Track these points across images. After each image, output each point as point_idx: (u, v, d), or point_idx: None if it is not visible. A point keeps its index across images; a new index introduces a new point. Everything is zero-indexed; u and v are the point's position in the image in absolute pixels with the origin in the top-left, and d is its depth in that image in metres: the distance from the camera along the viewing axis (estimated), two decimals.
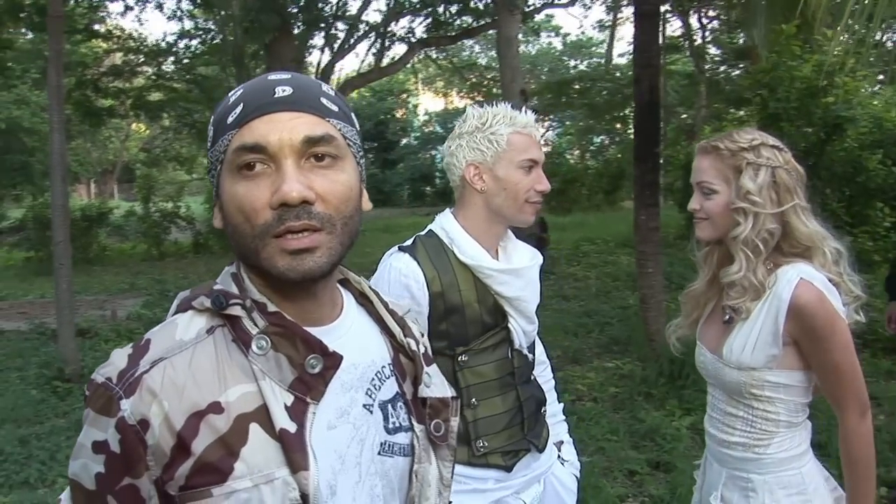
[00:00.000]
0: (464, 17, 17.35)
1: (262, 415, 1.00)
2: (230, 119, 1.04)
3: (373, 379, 1.14)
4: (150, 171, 23.68)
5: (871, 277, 6.37)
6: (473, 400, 2.09)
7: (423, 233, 2.17)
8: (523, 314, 2.14)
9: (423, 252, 2.06)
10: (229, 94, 1.08)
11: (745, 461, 2.00)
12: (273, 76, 1.07)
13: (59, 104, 6.93)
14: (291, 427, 1.00)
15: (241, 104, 1.04)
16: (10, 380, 6.96)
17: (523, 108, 2.14)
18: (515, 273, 2.11)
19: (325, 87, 1.09)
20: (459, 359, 2.07)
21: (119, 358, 1.02)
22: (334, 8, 15.55)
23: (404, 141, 37.87)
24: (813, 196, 2.08)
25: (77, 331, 7.30)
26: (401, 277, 2.01)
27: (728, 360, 1.98)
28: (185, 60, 19.15)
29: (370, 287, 1.24)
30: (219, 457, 0.97)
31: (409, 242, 2.12)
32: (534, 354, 2.27)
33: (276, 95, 1.02)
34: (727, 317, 2.02)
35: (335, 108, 1.07)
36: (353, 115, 1.12)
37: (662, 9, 16.94)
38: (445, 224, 2.14)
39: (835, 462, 2.09)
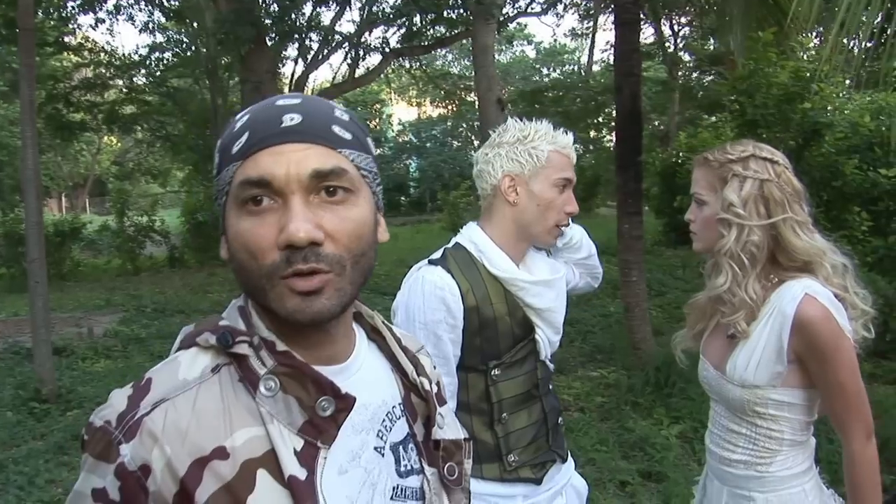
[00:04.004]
0: (437, 27, 17.35)
1: (271, 460, 0.93)
2: (235, 149, 0.97)
3: (384, 420, 1.08)
4: (124, 185, 23.44)
5: None
6: (504, 415, 2.07)
7: (450, 245, 2.14)
8: (552, 325, 2.14)
9: (455, 265, 2.04)
10: (235, 119, 1.02)
11: (747, 479, 1.96)
12: (282, 101, 1.00)
13: (32, 118, 6.80)
14: (301, 474, 0.94)
15: (247, 133, 0.97)
16: None
17: (562, 129, 2.14)
18: (547, 284, 2.11)
19: (338, 111, 1.02)
20: (492, 373, 2.05)
21: (118, 399, 0.95)
22: (307, 19, 15.47)
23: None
24: None
25: (53, 349, 7.15)
26: (436, 290, 1.97)
27: (731, 376, 1.94)
28: (158, 73, 19.02)
29: (383, 322, 1.18)
30: None
31: (438, 255, 2.10)
32: (554, 363, 2.26)
33: (283, 125, 0.96)
34: (731, 331, 1.97)
35: (348, 137, 1.00)
36: (369, 140, 1.05)
37: None
38: (474, 236, 2.11)
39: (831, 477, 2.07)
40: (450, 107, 34.17)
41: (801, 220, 1.92)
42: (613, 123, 19.44)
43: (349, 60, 17.73)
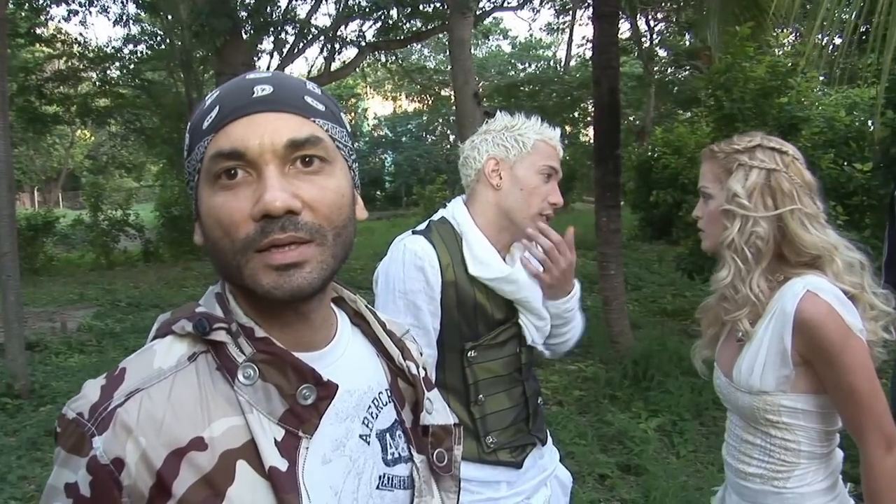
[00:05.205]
0: (414, 21, 17.32)
1: (250, 451, 0.90)
2: (206, 124, 0.94)
3: (369, 407, 1.04)
4: (97, 179, 23.17)
5: None
6: (481, 396, 2.05)
7: (435, 218, 2.12)
8: (532, 311, 2.11)
9: (439, 238, 2.03)
10: (206, 97, 0.99)
11: (764, 494, 1.84)
12: (252, 75, 0.97)
13: (4, 110, 6.70)
14: (282, 464, 0.91)
15: (218, 106, 0.94)
16: None
17: (545, 122, 2.15)
18: (513, 282, 2.06)
19: (309, 84, 1.00)
20: (468, 354, 2.03)
21: (91, 390, 0.92)
22: (283, 12, 15.38)
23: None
24: None
25: (26, 344, 7.05)
26: (416, 260, 1.96)
27: (738, 382, 1.84)
28: (132, 66, 18.83)
29: (366, 306, 1.15)
30: (202, 498, 0.88)
31: (423, 226, 2.09)
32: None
33: (254, 95, 0.93)
34: (739, 334, 1.87)
35: (321, 108, 0.97)
36: (342, 115, 1.03)
37: None
38: (458, 214, 2.09)
39: None
40: (425, 101, 34.13)
41: (812, 212, 1.80)
42: (590, 118, 19.48)
43: (325, 54, 17.64)
